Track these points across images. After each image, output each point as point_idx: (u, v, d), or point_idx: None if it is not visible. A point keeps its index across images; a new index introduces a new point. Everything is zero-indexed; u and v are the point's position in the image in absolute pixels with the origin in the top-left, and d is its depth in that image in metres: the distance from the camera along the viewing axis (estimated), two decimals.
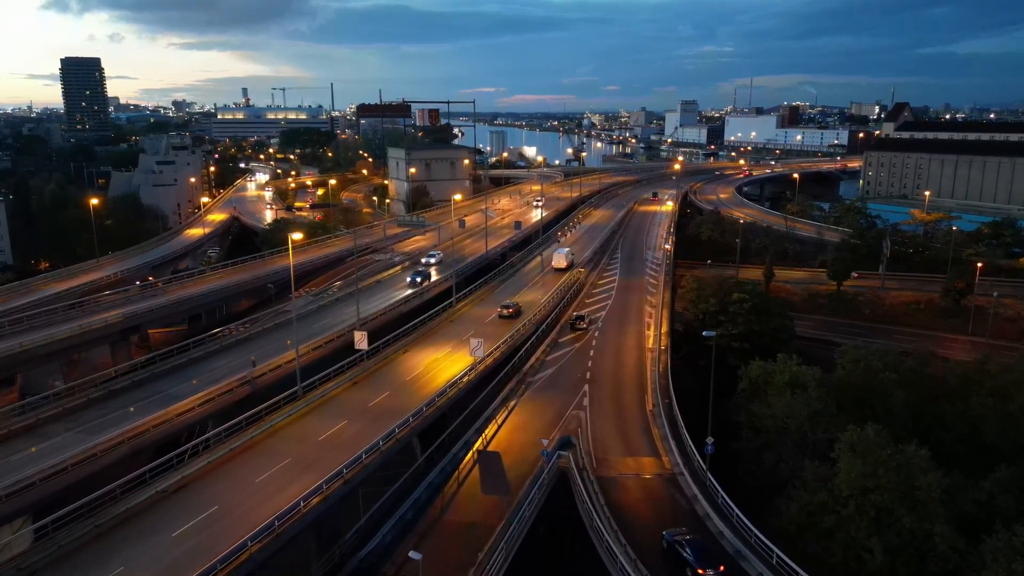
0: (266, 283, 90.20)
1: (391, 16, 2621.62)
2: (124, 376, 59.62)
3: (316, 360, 64.63)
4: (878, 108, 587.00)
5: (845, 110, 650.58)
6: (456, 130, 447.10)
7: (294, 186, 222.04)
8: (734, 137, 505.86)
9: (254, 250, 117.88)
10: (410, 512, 45.02)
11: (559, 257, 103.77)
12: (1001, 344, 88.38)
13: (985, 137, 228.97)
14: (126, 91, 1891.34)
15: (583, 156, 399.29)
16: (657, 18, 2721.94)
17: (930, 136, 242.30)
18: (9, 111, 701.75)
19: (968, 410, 59.36)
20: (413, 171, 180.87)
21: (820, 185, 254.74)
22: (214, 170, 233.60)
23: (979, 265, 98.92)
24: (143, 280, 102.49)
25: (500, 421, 56.73)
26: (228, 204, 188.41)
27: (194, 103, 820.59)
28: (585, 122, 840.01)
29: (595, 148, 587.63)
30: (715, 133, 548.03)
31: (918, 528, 43.11)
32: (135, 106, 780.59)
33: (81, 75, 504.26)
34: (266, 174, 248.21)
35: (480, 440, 53.61)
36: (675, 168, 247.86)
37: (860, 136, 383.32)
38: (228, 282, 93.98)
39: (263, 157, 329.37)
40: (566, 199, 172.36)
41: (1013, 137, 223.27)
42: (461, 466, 50.44)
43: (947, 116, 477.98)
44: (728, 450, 58.40)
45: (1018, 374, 61.07)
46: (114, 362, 74.72)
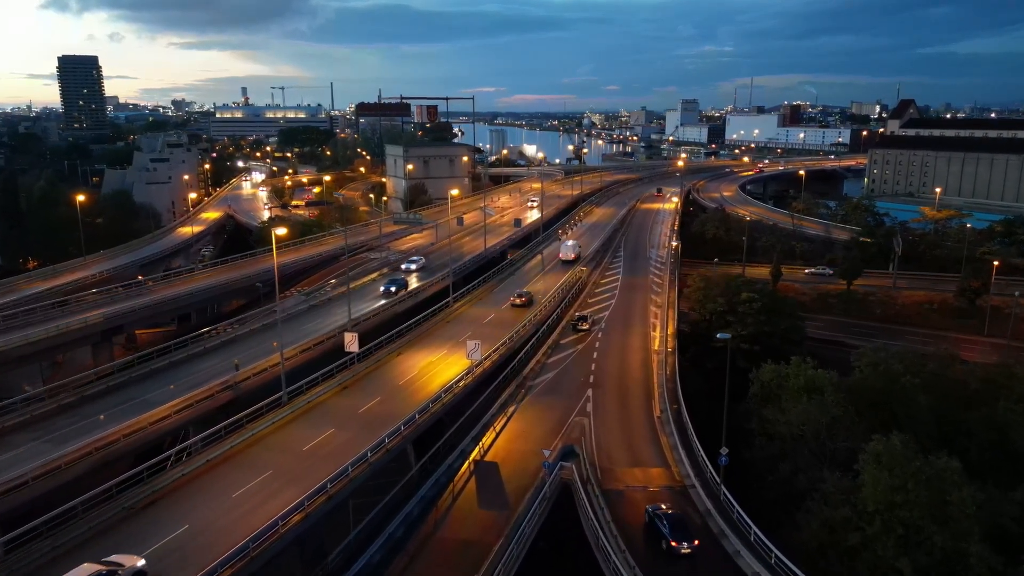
0: (255, 282, 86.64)
1: (391, 16, 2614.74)
2: (100, 380, 56.14)
3: (304, 363, 61.24)
4: (879, 107, 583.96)
5: (846, 110, 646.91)
6: (456, 129, 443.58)
7: (290, 184, 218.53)
8: (736, 135, 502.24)
9: (249, 248, 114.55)
10: (401, 529, 41.64)
11: (567, 250, 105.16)
12: (1021, 346, 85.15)
13: (992, 134, 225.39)
14: (126, 91, 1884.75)
15: (584, 152, 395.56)
16: (657, 18, 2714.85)
17: (936, 133, 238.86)
18: (9, 111, 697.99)
19: (995, 416, 55.94)
20: (411, 168, 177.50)
21: (824, 183, 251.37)
22: (208, 168, 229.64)
23: (996, 264, 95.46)
24: (131, 279, 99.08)
25: (498, 428, 53.38)
26: (223, 202, 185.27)
27: (193, 103, 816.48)
28: (585, 121, 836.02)
29: (596, 146, 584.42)
30: (716, 132, 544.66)
31: (951, 547, 39.76)
32: (134, 105, 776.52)
33: (79, 73, 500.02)
34: (262, 173, 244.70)
35: (477, 449, 50.25)
36: (679, 165, 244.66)
37: (864, 134, 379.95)
38: (216, 281, 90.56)
39: (259, 155, 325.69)
40: (567, 197, 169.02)
41: (1021, 134, 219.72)
42: (456, 478, 47.05)
43: (947, 116, 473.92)
44: (739, 458, 54.90)
45: None
46: (96, 364, 71.38)
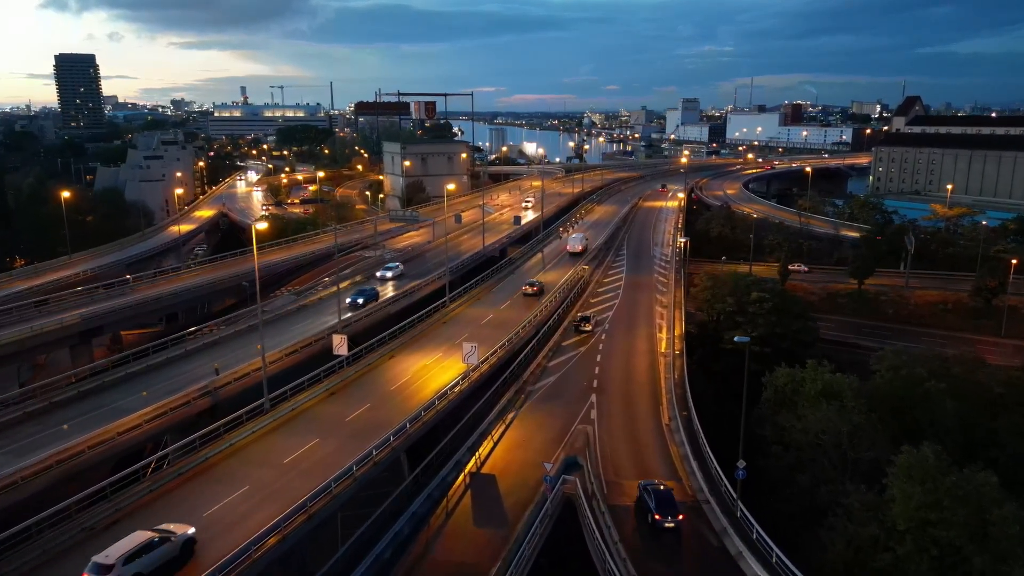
0: (241, 281, 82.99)
1: (391, 15, 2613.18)
2: (72, 385, 52.60)
3: (290, 367, 57.74)
4: (879, 107, 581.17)
5: (846, 109, 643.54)
6: (456, 129, 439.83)
7: (286, 182, 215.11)
8: (739, 133, 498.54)
9: (243, 247, 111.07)
10: (389, 550, 38.02)
11: (574, 242, 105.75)
12: None
13: (1000, 131, 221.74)
14: (126, 91, 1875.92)
15: (585, 149, 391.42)
16: (657, 17, 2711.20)
17: (942, 131, 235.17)
18: (8, 110, 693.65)
19: None
20: (407, 164, 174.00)
21: (828, 182, 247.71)
22: (202, 164, 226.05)
23: (1013, 262, 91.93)
24: (118, 278, 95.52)
25: (496, 437, 49.82)
26: (218, 200, 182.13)
27: (193, 102, 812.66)
28: (585, 121, 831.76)
29: (597, 144, 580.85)
30: (717, 131, 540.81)
31: (991, 569, 36.33)
32: (133, 105, 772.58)
33: (76, 72, 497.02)
34: (258, 172, 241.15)
35: (473, 460, 46.68)
36: (682, 161, 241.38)
37: (867, 132, 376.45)
38: (203, 280, 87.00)
39: (255, 152, 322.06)
40: (567, 195, 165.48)
41: None
42: (451, 492, 43.44)
43: (955, 113, 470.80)
44: (753, 467, 50.82)
45: None
46: (75, 367, 67.76)
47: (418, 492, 43.35)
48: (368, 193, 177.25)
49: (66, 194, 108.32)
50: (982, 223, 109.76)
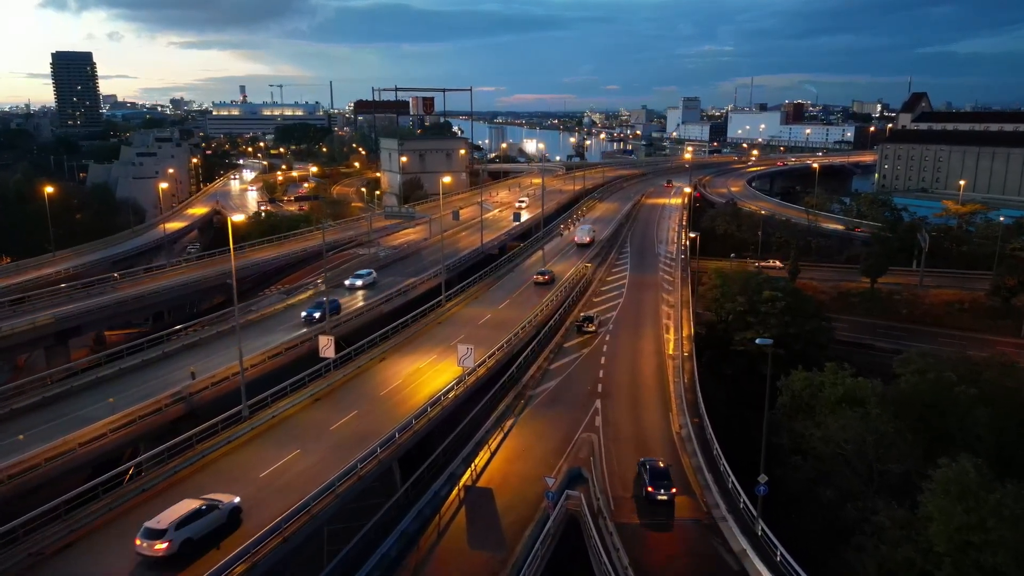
0: (227, 279, 78.88)
1: (391, 15, 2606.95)
2: (36, 391, 48.84)
3: (274, 370, 54.11)
4: (880, 106, 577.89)
5: (847, 108, 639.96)
6: (456, 129, 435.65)
7: (282, 180, 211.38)
8: (741, 131, 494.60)
9: (236, 244, 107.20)
10: (375, 574, 34.35)
11: (582, 233, 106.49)
12: None
13: (1008, 128, 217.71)
14: (126, 91, 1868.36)
15: (587, 144, 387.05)
16: (657, 17, 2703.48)
17: (949, 127, 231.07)
18: (8, 110, 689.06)
19: None
20: (404, 160, 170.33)
21: (832, 179, 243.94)
22: (196, 161, 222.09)
23: None
24: (103, 276, 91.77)
25: (494, 447, 46.14)
26: (212, 198, 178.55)
27: (192, 102, 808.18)
28: (586, 120, 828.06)
29: (600, 140, 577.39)
30: (718, 130, 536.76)
31: None
32: (132, 104, 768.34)
33: (72, 70, 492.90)
34: (254, 170, 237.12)
35: (468, 473, 43.04)
36: (686, 157, 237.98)
37: (871, 130, 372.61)
38: (188, 278, 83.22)
39: (251, 150, 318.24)
40: (568, 192, 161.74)
41: None
42: (443, 508, 39.75)
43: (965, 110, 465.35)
44: (769, 478, 47.82)
45: None
46: (50, 370, 64.00)
47: (410, 504, 39.69)
48: (364, 190, 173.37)
49: (49, 189, 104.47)
50: (999, 219, 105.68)
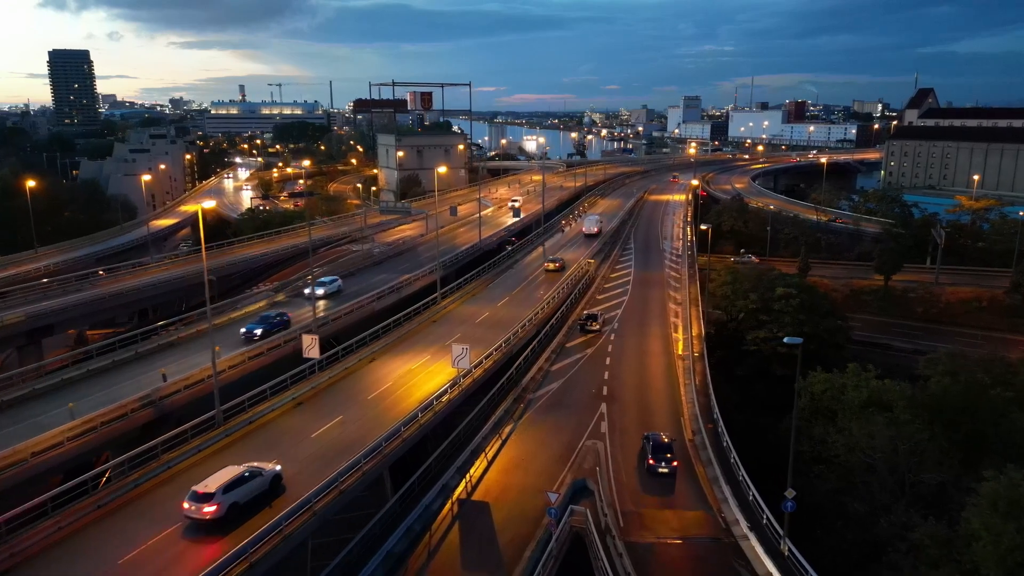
0: (208, 276, 75.00)
1: (391, 15, 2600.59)
2: None
3: (255, 371, 50.30)
4: (881, 105, 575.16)
5: (848, 108, 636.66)
6: (456, 128, 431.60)
7: (277, 177, 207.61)
8: (744, 128, 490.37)
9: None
10: None
11: (590, 223, 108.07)
12: None
13: (1017, 124, 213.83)
14: (127, 91, 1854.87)
15: (589, 139, 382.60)
16: (658, 17, 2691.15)
17: (957, 123, 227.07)
18: (7, 109, 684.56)
19: None
20: (401, 155, 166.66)
21: (836, 178, 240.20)
22: (190, 157, 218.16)
23: None
24: (88, 272, 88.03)
25: (491, 455, 42.37)
26: (206, 195, 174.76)
27: (192, 101, 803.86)
28: (586, 120, 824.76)
29: (601, 136, 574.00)
30: (719, 129, 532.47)
31: None
32: (131, 103, 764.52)
33: (69, 68, 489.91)
34: (248, 169, 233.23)
35: (463, 484, 39.24)
36: (690, 152, 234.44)
37: (874, 128, 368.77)
38: (171, 275, 79.27)
39: (246, 147, 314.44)
40: (569, 189, 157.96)
41: None
42: (435, 525, 35.98)
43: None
44: (784, 485, 43.98)
45: None
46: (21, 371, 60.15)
47: (400, 519, 35.90)
48: (360, 186, 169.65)
49: (31, 184, 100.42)
50: (1020, 213, 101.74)
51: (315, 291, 67.14)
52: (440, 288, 70.66)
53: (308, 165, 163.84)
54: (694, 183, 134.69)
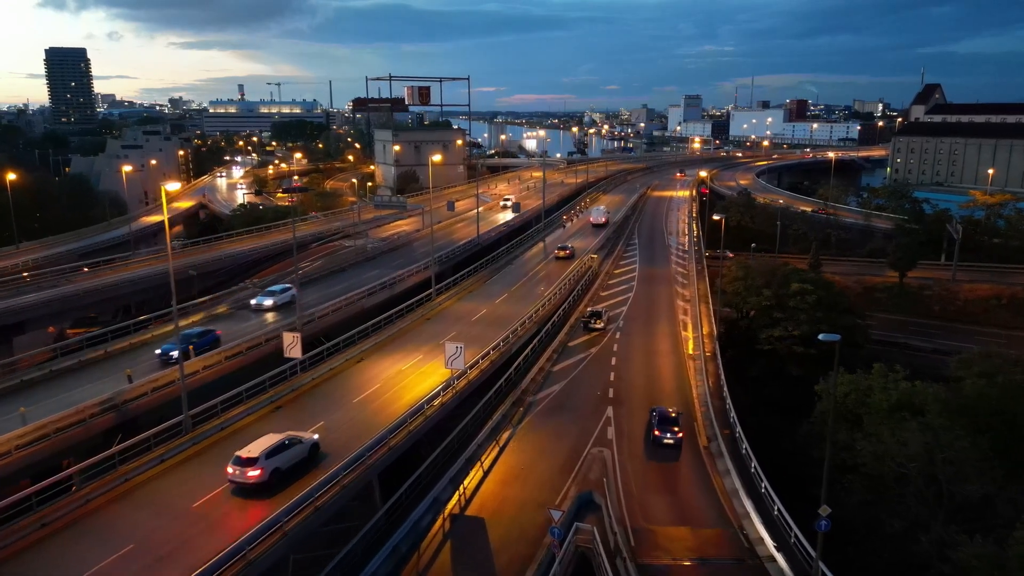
0: (188, 270, 71.55)
1: (391, 15, 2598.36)
2: None
3: (232, 372, 46.50)
4: (881, 105, 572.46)
5: (849, 107, 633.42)
6: (455, 127, 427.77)
7: (273, 174, 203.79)
8: (746, 125, 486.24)
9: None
10: None
11: (597, 214, 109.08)
12: None
13: None
14: (127, 91, 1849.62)
15: (591, 133, 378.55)
16: (658, 17, 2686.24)
17: (964, 119, 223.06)
18: (5, 109, 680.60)
19: None
20: (398, 149, 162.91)
21: (841, 176, 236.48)
22: (183, 154, 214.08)
23: None
24: (61, 267, 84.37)
25: (487, 465, 38.58)
26: (200, 192, 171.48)
27: (191, 101, 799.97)
28: (586, 119, 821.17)
29: (602, 135, 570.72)
30: (720, 128, 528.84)
31: None
32: (130, 103, 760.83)
33: (66, 66, 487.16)
34: (244, 167, 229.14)
35: (456, 497, 35.45)
36: (694, 147, 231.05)
37: (879, 125, 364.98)
38: (152, 270, 75.44)
39: (242, 144, 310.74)
40: (570, 185, 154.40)
41: None
42: (424, 543, 32.20)
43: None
44: (810, 500, 40.00)
45: None
46: None
47: (386, 536, 32.12)
48: (355, 181, 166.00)
49: (12, 176, 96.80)
50: None
51: (262, 302, 60.45)
52: (435, 284, 66.86)
53: (300, 157, 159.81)
54: (702, 174, 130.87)
